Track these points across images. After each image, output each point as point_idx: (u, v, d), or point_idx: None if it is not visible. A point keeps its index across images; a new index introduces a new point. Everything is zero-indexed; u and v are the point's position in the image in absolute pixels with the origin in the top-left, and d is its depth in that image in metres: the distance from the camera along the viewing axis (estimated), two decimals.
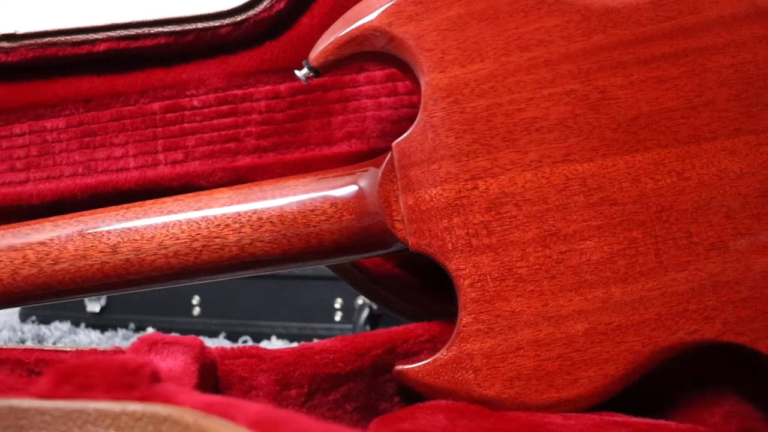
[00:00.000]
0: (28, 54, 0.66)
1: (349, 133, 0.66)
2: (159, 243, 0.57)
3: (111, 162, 0.67)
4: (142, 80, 0.67)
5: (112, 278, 0.58)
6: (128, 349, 0.53)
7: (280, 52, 0.66)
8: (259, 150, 0.66)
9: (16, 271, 0.58)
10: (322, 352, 0.55)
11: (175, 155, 0.66)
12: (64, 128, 0.67)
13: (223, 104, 0.66)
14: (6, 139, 0.68)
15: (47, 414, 0.40)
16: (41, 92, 0.68)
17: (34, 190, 0.67)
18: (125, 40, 0.66)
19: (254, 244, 0.57)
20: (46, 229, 0.59)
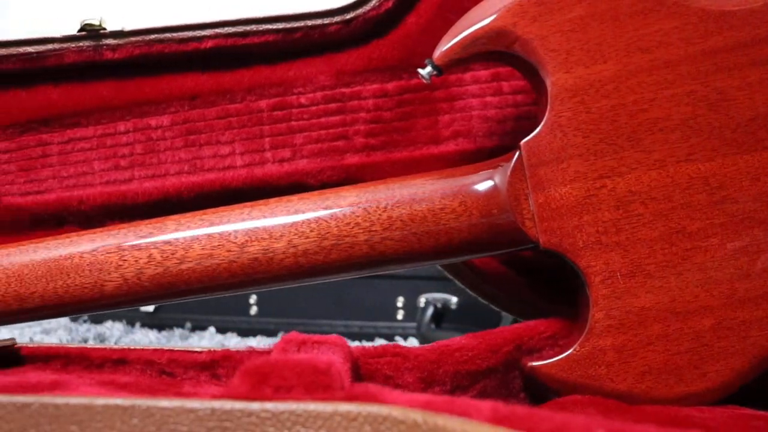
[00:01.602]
0: (134, 51, 0.66)
1: (455, 132, 0.67)
2: (288, 242, 0.58)
3: (217, 160, 0.67)
4: (249, 78, 0.66)
5: (239, 277, 0.58)
6: (275, 348, 0.53)
7: (387, 51, 0.66)
8: (368, 148, 0.66)
9: (141, 271, 0.58)
10: (461, 350, 0.56)
11: (282, 153, 0.66)
12: (169, 126, 0.67)
13: (331, 102, 0.66)
14: (110, 137, 0.67)
15: (254, 415, 0.40)
16: (146, 90, 0.67)
17: (139, 188, 0.67)
18: (232, 38, 0.65)
19: (384, 242, 0.58)
20: (169, 228, 0.59)
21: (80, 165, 0.67)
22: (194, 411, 0.40)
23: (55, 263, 0.59)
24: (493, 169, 0.59)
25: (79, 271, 0.58)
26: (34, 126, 0.68)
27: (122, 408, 0.40)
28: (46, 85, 0.68)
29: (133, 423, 0.40)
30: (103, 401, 0.40)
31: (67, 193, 0.68)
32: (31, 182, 0.68)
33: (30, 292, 0.59)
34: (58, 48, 0.66)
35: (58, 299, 0.59)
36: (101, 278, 0.58)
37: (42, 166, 0.68)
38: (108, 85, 0.67)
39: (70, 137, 0.68)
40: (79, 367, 0.58)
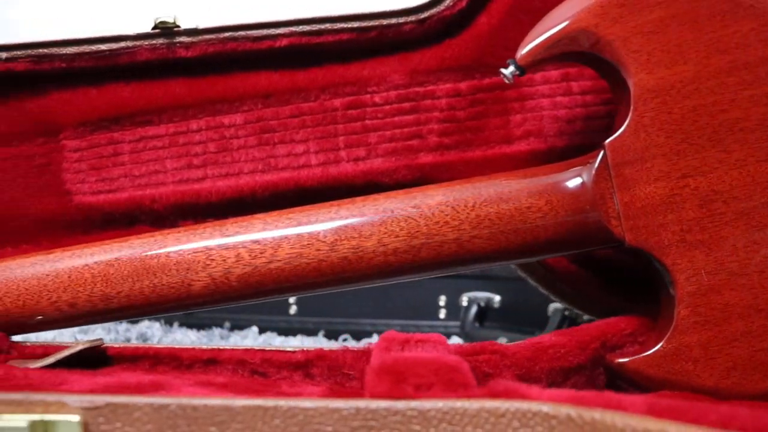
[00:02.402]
0: (207, 49, 0.65)
1: (527, 131, 0.67)
2: (378, 240, 0.58)
3: (292, 159, 0.66)
4: (322, 76, 0.66)
5: (327, 276, 0.58)
6: (376, 346, 0.52)
7: (460, 51, 0.67)
8: (442, 147, 0.66)
9: (230, 271, 0.58)
10: (553, 347, 0.56)
11: (357, 152, 0.66)
12: (242, 124, 0.67)
13: (405, 101, 0.67)
14: (183, 135, 0.67)
15: (399, 414, 0.40)
16: (218, 88, 0.67)
17: (213, 187, 0.66)
18: (307, 36, 0.65)
19: (473, 241, 0.58)
20: (256, 227, 0.58)
21: (152, 163, 0.67)
22: (338, 410, 0.40)
23: (142, 263, 0.58)
24: (576, 169, 0.60)
25: (166, 270, 0.58)
26: (105, 124, 0.68)
27: (263, 408, 0.40)
28: (117, 83, 0.67)
29: (274, 423, 0.40)
30: (242, 402, 0.40)
31: (139, 191, 0.67)
32: (102, 181, 0.67)
33: (116, 292, 0.58)
34: (131, 46, 0.65)
35: (145, 299, 0.58)
36: (188, 278, 0.58)
37: (113, 165, 0.67)
38: (180, 83, 0.66)
39: (142, 135, 0.68)
40: (168, 367, 0.57)
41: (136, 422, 0.41)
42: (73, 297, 0.59)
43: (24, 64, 0.66)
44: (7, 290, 0.59)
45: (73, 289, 0.58)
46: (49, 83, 0.67)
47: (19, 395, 0.41)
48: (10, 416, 0.40)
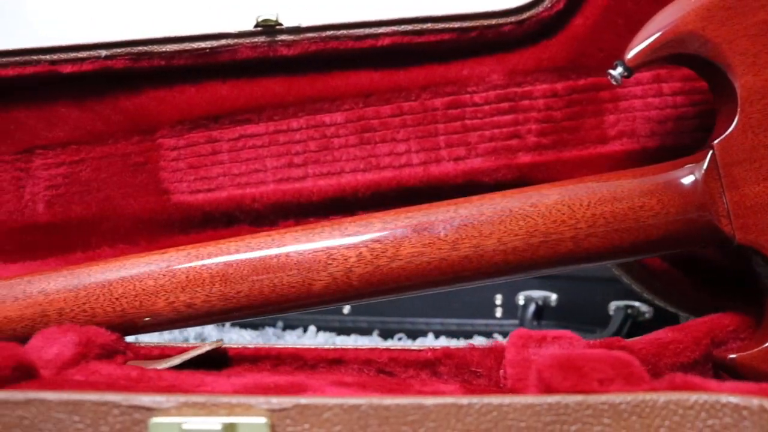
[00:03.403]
0: (309, 47, 0.65)
1: (621, 132, 0.68)
2: (498, 239, 0.58)
3: (393, 158, 0.66)
4: (423, 76, 0.67)
5: (448, 275, 0.58)
6: (510, 344, 0.53)
7: (556, 52, 0.67)
8: (540, 147, 0.67)
9: (351, 270, 0.57)
10: (673, 343, 0.57)
11: (458, 152, 0.67)
12: (343, 123, 0.66)
13: (503, 101, 0.67)
14: (283, 133, 0.66)
15: (591, 408, 0.40)
16: (318, 86, 0.66)
17: (314, 186, 0.66)
18: (409, 35, 0.65)
19: (588, 239, 0.59)
20: (375, 226, 0.58)
21: (252, 162, 0.66)
22: (532, 406, 0.40)
23: (261, 262, 0.58)
24: (686, 168, 0.61)
25: (287, 270, 0.58)
26: (203, 123, 0.67)
27: (457, 406, 0.40)
28: (215, 81, 0.67)
29: (468, 421, 0.40)
30: (434, 400, 0.40)
31: (239, 190, 0.66)
32: (201, 180, 0.67)
33: (235, 292, 0.58)
34: (232, 44, 0.65)
35: (264, 299, 0.58)
36: (309, 277, 0.58)
37: (212, 164, 0.67)
38: (279, 81, 0.66)
39: (241, 134, 0.67)
40: (291, 368, 0.57)
41: (325, 423, 0.41)
42: (191, 297, 0.58)
43: (123, 61, 0.65)
44: (124, 291, 0.58)
45: (191, 290, 0.58)
46: (145, 81, 0.67)
47: (201, 398, 0.40)
48: (202, 419, 0.40)
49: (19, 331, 0.59)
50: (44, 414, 0.41)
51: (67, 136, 0.67)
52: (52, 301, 0.59)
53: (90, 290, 0.59)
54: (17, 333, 0.59)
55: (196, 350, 0.57)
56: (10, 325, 0.59)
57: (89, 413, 0.41)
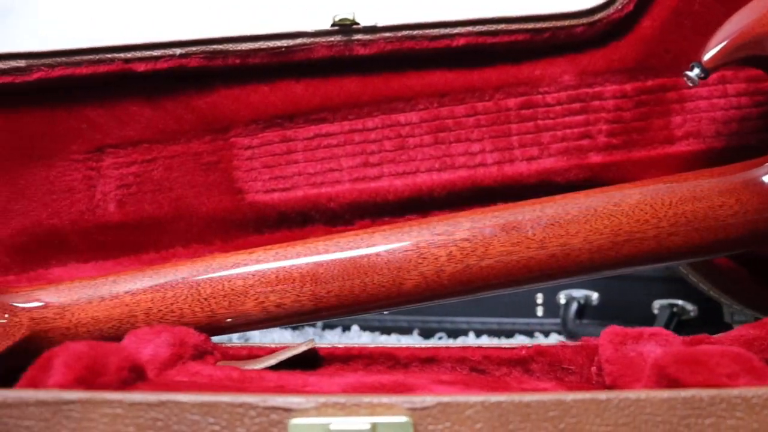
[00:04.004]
0: (385, 47, 0.65)
1: (687, 132, 0.69)
2: (584, 238, 0.59)
3: (468, 158, 0.67)
4: (496, 76, 0.67)
5: (535, 274, 0.59)
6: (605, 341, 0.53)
7: (625, 53, 0.68)
8: (610, 147, 0.68)
9: (441, 269, 0.58)
10: (757, 339, 0.58)
11: (531, 152, 0.67)
12: (418, 123, 0.67)
13: (575, 102, 0.68)
14: (358, 133, 0.66)
15: (724, 402, 0.41)
16: (393, 86, 0.67)
17: (391, 186, 0.66)
18: (483, 36, 0.66)
19: (670, 238, 0.60)
20: (464, 225, 0.59)
21: (327, 162, 0.66)
22: (668, 401, 0.41)
23: (352, 262, 0.58)
24: (763, 167, 0.62)
25: (377, 269, 0.58)
26: (278, 122, 0.67)
27: (596, 401, 0.41)
28: (289, 80, 0.66)
29: (606, 416, 0.41)
30: (574, 396, 0.41)
31: (314, 190, 0.66)
32: (275, 179, 0.66)
33: (326, 292, 0.58)
34: (308, 42, 0.65)
35: (354, 298, 0.58)
36: (400, 276, 0.58)
37: (286, 163, 0.67)
38: (354, 81, 0.66)
39: (316, 133, 0.67)
40: (383, 367, 0.57)
41: (467, 421, 0.41)
42: (281, 297, 0.58)
43: (197, 60, 0.65)
44: (212, 291, 0.58)
45: (281, 290, 0.58)
46: (218, 80, 0.66)
47: (341, 398, 0.40)
48: (350, 419, 0.40)
49: (106, 331, 0.58)
50: (178, 415, 0.41)
51: (138, 135, 0.67)
52: (139, 301, 0.58)
53: (177, 290, 0.58)
54: (104, 333, 0.58)
55: (290, 350, 0.56)
56: (97, 326, 0.58)
57: (225, 414, 0.41)
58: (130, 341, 0.55)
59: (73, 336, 0.58)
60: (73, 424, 0.42)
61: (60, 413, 0.42)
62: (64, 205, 0.67)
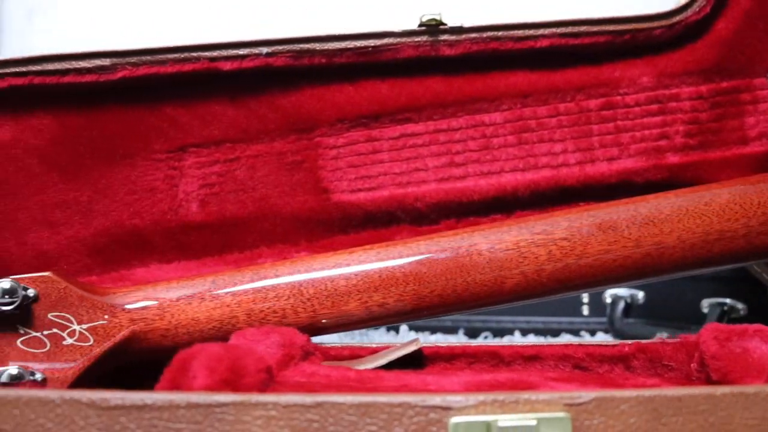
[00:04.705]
0: (471, 48, 0.66)
1: (760, 133, 0.71)
2: (678, 237, 0.60)
3: (551, 158, 0.67)
4: (577, 77, 0.68)
5: (630, 272, 0.60)
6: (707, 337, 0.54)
7: (701, 54, 0.70)
8: (687, 148, 0.69)
9: (542, 268, 0.59)
10: None
11: (611, 152, 0.68)
12: (501, 123, 0.67)
13: (653, 103, 0.69)
14: (443, 132, 0.67)
15: None
16: (477, 86, 0.67)
17: (475, 185, 0.67)
18: (565, 37, 0.67)
19: (759, 237, 0.61)
20: (561, 225, 0.60)
21: (413, 161, 0.67)
22: None
23: (454, 261, 0.58)
24: None
25: (479, 268, 0.58)
26: (363, 121, 0.67)
27: (744, 395, 0.42)
28: (374, 80, 0.67)
29: (754, 409, 0.42)
30: (722, 390, 0.42)
31: (401, 190, 0.67)
32: (361, 179, 0.67)
33: (429, 291, 0.58)
34: (395, 42, 0.65)
35: (457, 297, 0.59)
36: (502, 275, 0.59)
37: (372, 163, 0.67)
38: (438, 81, 0.67)
39: (401, 133, 0.67)
40: (487, 365, 0.58)
41: (621, 416, 0.42)
42: (384, 297, 0.58)
43: (284, 59, 0.65)
44: (315, 291, 0.58)
45: (385, 289, 0.58)
46: (302, 79, 0.67)
47: (500, 395, 0.41)
48: (516, 416, 0.40)
49: (207, 332, 0.58)
50: (335, 416, 0.41)
51: (221, 135, 0.67)
52: (240, 302, 0.58)
53: (279, 291, 0.58)
54: (204, 335, 0.58)
55: (399, 350, 0.57)
56: (198, 327, 0.58)
57: (382, 414, 0.41)
58: (238, 342, 0.55)
59: (173, 337, 0.58)
60: (226, 427, 0.42)
61: (212, 416, 0.42)
62: (146, 205, 0.67)
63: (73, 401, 0.43)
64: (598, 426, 0.42)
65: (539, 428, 0.41)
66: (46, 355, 0.57)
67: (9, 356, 0.56)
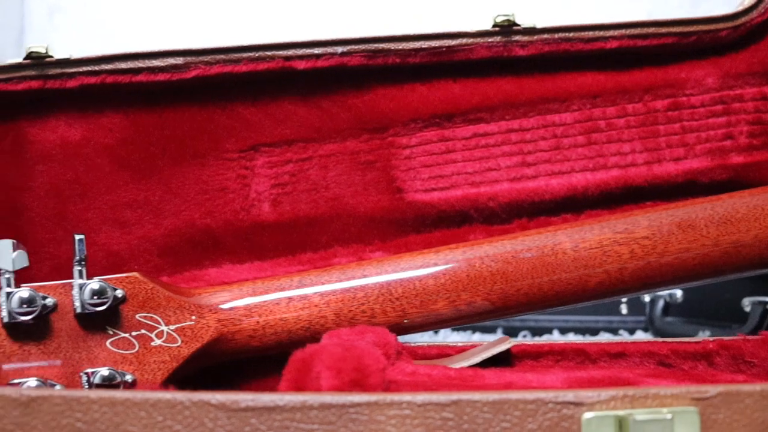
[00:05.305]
0: (543, 48, 0.67)
1: None
2: (755, 236, 0.62)
3: (619, 157, 0.69)
4: (644, 78, 0.69)
5: (708, 270, 0.62)
6: None
7: (764, 56, 0.71)
8: (750, 148, 0.71)
9: (624, 266, 0.60)
10: None
11: (677, 152, 0.70)
12: (571, 123, 0.68)
13: (717, 104, 0.70)
14: (515, 132, 0.68)
15: None
16: (547, 87, 0.68)
17: (546, 185, 0.68)
18: (634, 39, 0.68)
19: None
20: (642, 224, 0.61)
21: (485, 161, 0.68)
22: None
23: (540, 260, 0.59)
24: None
25: (564, 267, 0.59)
26: (436, 121, 0.68)
27: None
28: (446, 80, 0.68)
29: None
30: None
31: (474, 189, 0.67)
32: (434, 178, 0.67)
33: (515, 290, 0.59)
34: (470, 43, 0.66)
35: (542, 295, 0.60)
36: (586, 274, 0.60)
37: (445, 162, 0.68)
38: (510, 81, 0.68)
39: (474, 132, 0.68)
40: (573, 362, 0.59)
41: (745, 410, 0.43)
42: (472, 296, 0.59)
43: (358, 58, 0.65)
44: (404, 291, 0.59)
45: (473, 288, 0.59)
46: (374, 79, 0.67)
47: (629, 391, 0.42)
48: (651, 410, 0.41)
49: (295, 333, 0.58)
50: (470, 414, 0.42)
51: (293, 134, 0.67)
52: (329, 302, 0.59)
53: (368, 291, 0.59)
54: (293, 335, 0.58)
55: (491, 348, 0.58)
56: (286, 327, 0.58)
57: (516, 411, 0.42)
58: (332, 342, 0.55)
59: (260, 338, 0.58)
60: (359, 427, 0.42)
61: (345, 416, 0.42)
62: (218, 205, 0.67)
63: (202, 403, 0.43)
64: (724, 420, 0.43)
65: (674, 422, 0.42)
66: (135, 356, 0.57)
67: (98, 358, 0.56)
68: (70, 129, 0.66)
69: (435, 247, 0.64)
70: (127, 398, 0.44)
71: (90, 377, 0.55)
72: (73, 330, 0.56)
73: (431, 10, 1.34)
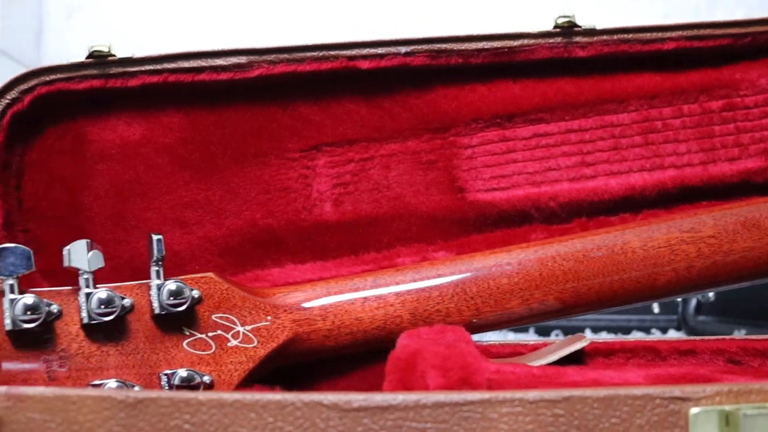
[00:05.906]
0: (602, 49, 0.68)
1: None
2: None
3: (675, 158, 0.70)
4: (699, 79, 0.71)
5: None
6: None
7: None
8: None
9: (692, 265, 0.61)
10: None
11: (732, 152, 0.71)
12: (629, 124, 0.70)
13: None
14: (575, 133, 0.69)
15: None
16: (605, 87, 0.70)
17: (605, 185, 0.69)
18: (691, 40, 0.69)
19: None
20: (707, 223, 0.62)
21: (545, 161, 0.69)
22: None
23: (610, 258, 0.60)
24: None
25: (634, 265, 0.61)
26: (497, 121, 0.69)
27: None
28: (506, 80, 0.69)
29: None
30: None
31: (535, 189, 0.69)
32: (496, 178, 0.68)
33: (587, 288, 0.60)
34: (531, 44, 0.67)
35: (612, 294, 0.61)
36: (655, 272, 0.61)
37: (506, 162, 0.69)
38: (569, 82, 0.69)
39: (534, 132, 0.69)
40: (643, 360, 0.60)
41: None
42: (545, 294, 0.60)
43: (421, 58, 0.66)
44: (478, 290, 0.60)
45: (545, 287, 0.60)
46: (436, 79, 0.68)
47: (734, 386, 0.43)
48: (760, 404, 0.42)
49: (371, 333, 0.59)
50: (580, 410, 0.43)
51: (354, 134, 0.68)
52: (404, 301, 0.59)
53: (443, 290, 0.60)
54: (368, 335, 0.59)
55: (568, 346, 0.59)
56: (362, 327, 0.59)
57: (625, 407, 0.43)
58: (412, 341, 0.56)
59: (335, 338, 0.59)
60: (472, 425, 0.43)
61: (458, 414, 0.43)
62: (280, 205, 0.68)
63: (314, 404, 0.44)
64: None
65: None
66: (212, 357, 0.57)
67: (176, 358, 0.56)
68: (129, 128, 0.67)
69: (497, 246, 0.66)
70: (236, 399, 0.44)
71: (170, 378, 0.56)
72: (149, 331, 0.57)
73: (436, 12, 1.36)
